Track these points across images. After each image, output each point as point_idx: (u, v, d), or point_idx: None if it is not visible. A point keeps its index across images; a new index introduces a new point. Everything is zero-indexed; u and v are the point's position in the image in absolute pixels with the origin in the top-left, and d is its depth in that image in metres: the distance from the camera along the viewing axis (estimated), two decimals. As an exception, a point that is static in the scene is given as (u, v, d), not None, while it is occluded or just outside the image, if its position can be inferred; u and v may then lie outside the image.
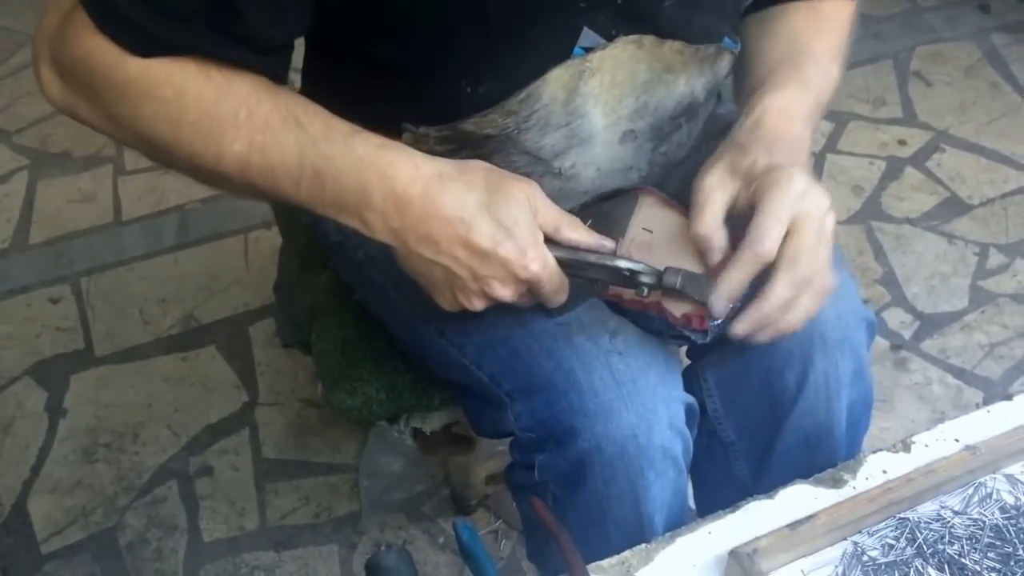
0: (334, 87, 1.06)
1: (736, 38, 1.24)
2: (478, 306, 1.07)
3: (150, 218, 2.56)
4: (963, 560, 1.00)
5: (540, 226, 1.05)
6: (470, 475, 1.89)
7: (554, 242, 1.07)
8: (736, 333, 1.06)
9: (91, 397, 2.18)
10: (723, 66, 1.25)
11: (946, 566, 1.00)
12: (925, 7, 3.22)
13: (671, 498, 1.20)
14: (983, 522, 1.04)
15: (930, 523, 1.04)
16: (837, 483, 1.10)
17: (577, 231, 1.08)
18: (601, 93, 1.15)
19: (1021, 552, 1.01)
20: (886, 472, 1.10)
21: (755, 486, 1.28)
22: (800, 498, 1.08)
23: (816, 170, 2.68)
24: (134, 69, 0.99)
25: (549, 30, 1.08)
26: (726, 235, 1.07)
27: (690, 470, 1.24)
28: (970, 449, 1.09)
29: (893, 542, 1.03)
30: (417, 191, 1.01)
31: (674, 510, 1.21)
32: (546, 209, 1.06)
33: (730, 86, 1.34)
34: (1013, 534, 1.02)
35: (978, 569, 0.99)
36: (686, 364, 1.34)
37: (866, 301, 1.29)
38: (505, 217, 1.02)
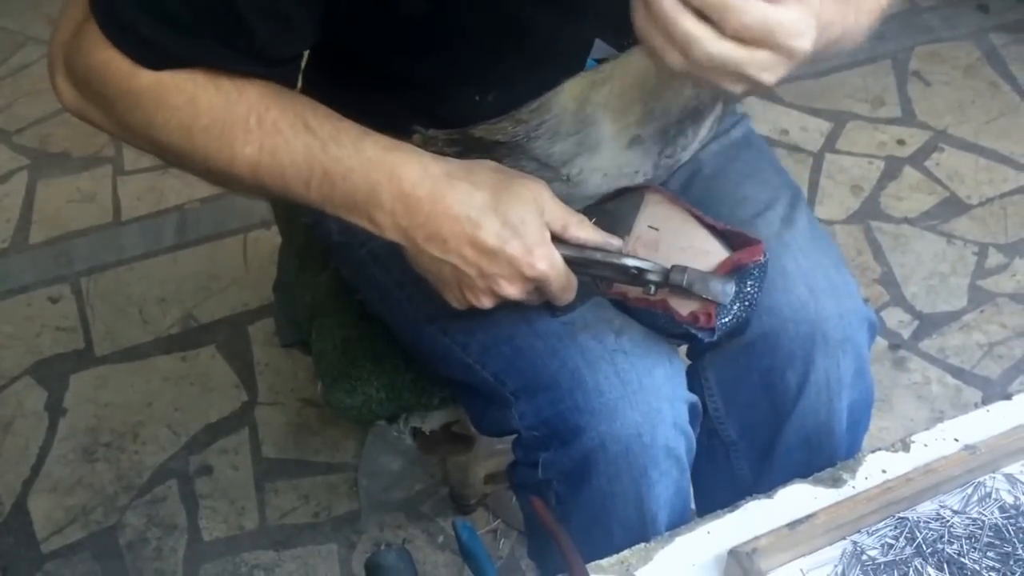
0: (336, 94, 1.06)
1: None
2: (486, 304, 1.07)
3: (149, 218, 2.56)
4: (962, 559, 1.00)
5: (547, 224, 1.06)
6: (469, 474, 1.89)
7: (561, 240, 1.07)
8: None
9: (91, 396, 2.18)
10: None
11: (945, 565, 1.00)
12: (924, 7, 3.21)
13: (674, 497, 1.20)
14: (982, 521, 1.04)
15: (929, 522, 1.04)
16: (836, 483, 1.10)
17: (584, 229, 1.08)
18: (611, 101, 1.15)
19: (1020, 551, 1.01)
20: (885, 472, 1.10)
21: (756, 485, 1.28)
22: (799, 498, 1.08)
23: (814, 170, 2.69)
24: (146, 79, 1.00)
25: (560, 44, 1.08)
26: None
27: (691, 469, 1.24)
28: (969, 449, 1.09)
29: (892, 541, 1.03)
30: (425, 190, 1.02)
31: (677, 509, 1.21)
32: (553, 207, 1.06)
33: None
34: (1012, 533, 1.03)
35: (977, 568, 0.99)
36: (687, 364, 1.34)
37: (865, 301, 1.29)
38: (512, 216, 1.03)
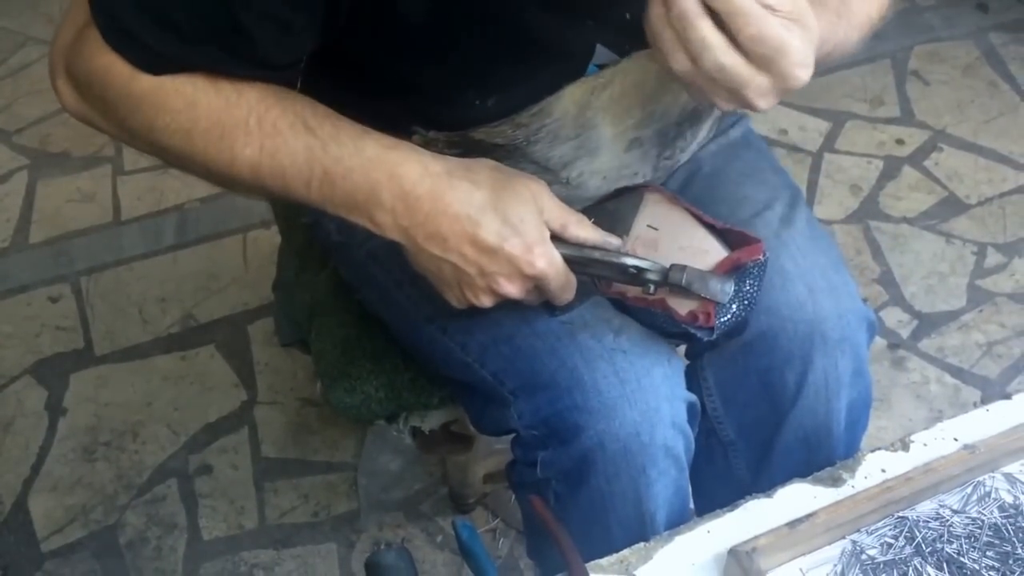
0: (336, 97, 1.07)
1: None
2: (486, 303, 1.08)
3: (149, 218, 2.56)
4: (962, 559, 1.00)
5: (546, 223, 1.06)
6: (468, 474, 1.89)
7: (560, 239, 1.07)
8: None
9: (91, 396, 2.18)
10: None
11: (945, 565, 1.00)
12: (923, 6, 3.21)
13: (672, 496, 1.20)
14: (982, 521, 1.04)
15: (929, 522, 1.04)
16: (836, 482, 1.10)
17: (583, 228, 1.08)
18: (611, 105, 1.15)
19: (1020, 551, 1.01)
20: (885, 471, 1.10)
21: (754, 485, 1.28)
22: (799, 497, 1.08)
23: (813, 170, 2.69)
24: (146, 83, 1.00)
25: (562, 50, 1.08)
26: None
27: (689, 469, 1.25)
28: (969, 448, 1.09)
29: (892, 541, 1.03)
30: (425, 189, 1.02)
31: (675, 508, 1.22)
32: (552, 207, 1.07)
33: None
34: (1012, 533, 1.03)
35: (977, 568, 1.00)
36: (686, 364, 1.34)
37: (864, 300, 1.29)
38: (512, 214, 1.03)
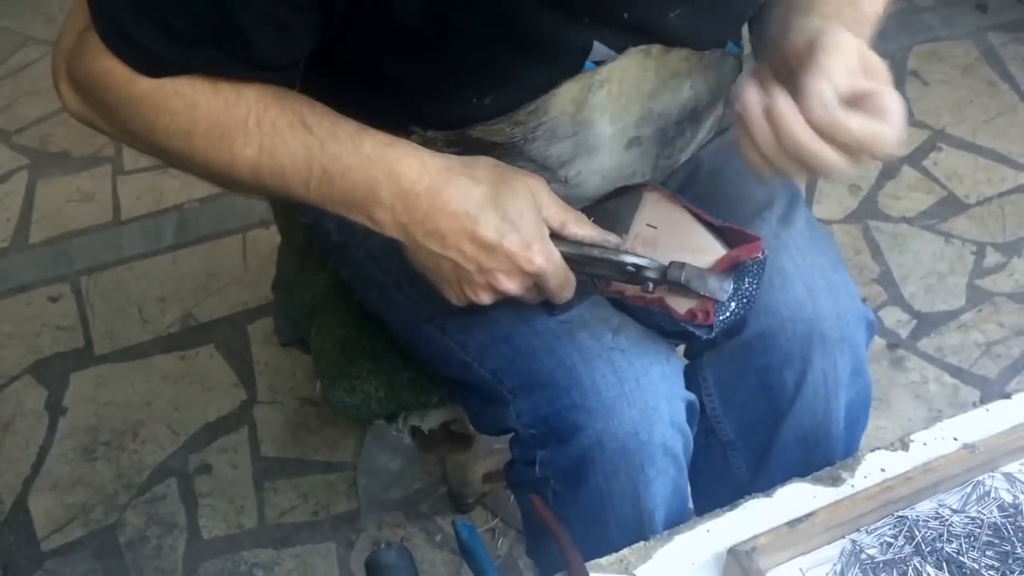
0: (333, 97, 1.07)
1: (740, 42, 1.24)
2: (485, 300, 1.08)
3: (149, 217, 2.56)
4: (961, 558, 1.00)
5: (545, 221, 1.06)
6: (468, 473, 1.89)
7: (560, 237, 1.07)
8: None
9: (91, 395, 2.18)
10: (727, 70, 1.25)
11: (944, 564, 1.00)
12: (922, 6, 3.21)
13: (671, 495, 1.20)
14: (981, 520, 1.04)
15: (928, 521, 1.04)
16: (835, 481, 1.10)
17: (582, 226, 1.09)
18: (608, 103, 1.15)
19: (1019, 550, 1.01)
20: (884, 471, 1.10)
21: (753, 485, 1.28)
22: (799, 496, 1.08)
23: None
24: (146, 86, 1.01)
25: (559, 47, 1.08)
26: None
27: (688, 468, 1.25)
28: (969, 448, 1.09)
29: (891, 540, 1.03)
30: (424, 186, 1.02)
31: (674, 507, 1.22)
32: (551, 204, 1.07)
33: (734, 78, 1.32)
34: (1011, 532, 1.03)
35: (976, 567, 1.00)
36: (685, 363, 1.34)
37: (863, 300, 1.30)
38: (510, 211, 1.03)
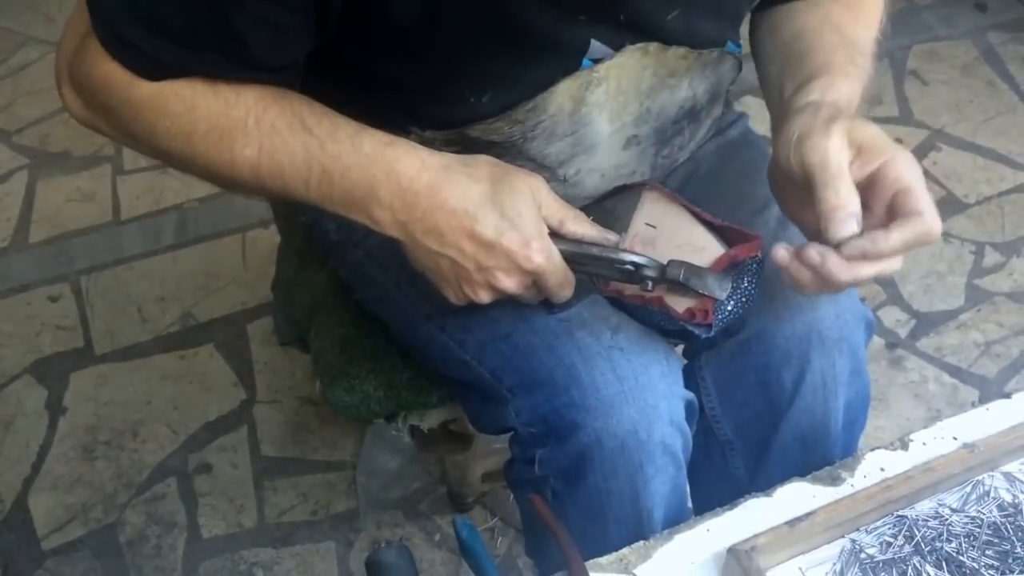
0: (332, 97, 1.07)
1: (739, 42, 1.24)
2: (484, 298, 1.08)
3: (149, 217, 2.56)
4: (961, 558, 1.00)
5: (544, 219, 1.06)
6: (467, 473, 1.89)
7: (559, 236, 1.07)
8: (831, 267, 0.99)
9: (91, 395, 2.18)
10: (726, 69, 1.25)
11: (944, 564, 1.00)
12: (922, 5, 3.22)
13: (670, 494, 1.20)
14: (981, 520, 1.04)
15: (928, 521, 1.04)
16: (835, 481, 1.10)
17: (581, 225, 1.09)
18: (607, 102, 1.15)
19: (1019, 550, 1.01)
20: (884, 470, 1.10)
21: (752, 484, 1.28)
22: (798, 496, 1.08)
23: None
24: (146, 89, 1.01)
25: (556, 44, 1.08)
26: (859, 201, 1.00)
27: (687, 468, 1.25)
28: (968, 447, 1.09)
29: (891, 540, 1.03)
30: (423, 184, 1.02)
31: (673, 506, 1.21)
32: (551, 202, 1.07)
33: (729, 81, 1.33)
34: (1011, 532, 1.03)
35: (976, 567, 1.00)
36: (684, 363, 1.34)
37: (862, 299, 1.29)
38: (509, 209, 1.03)
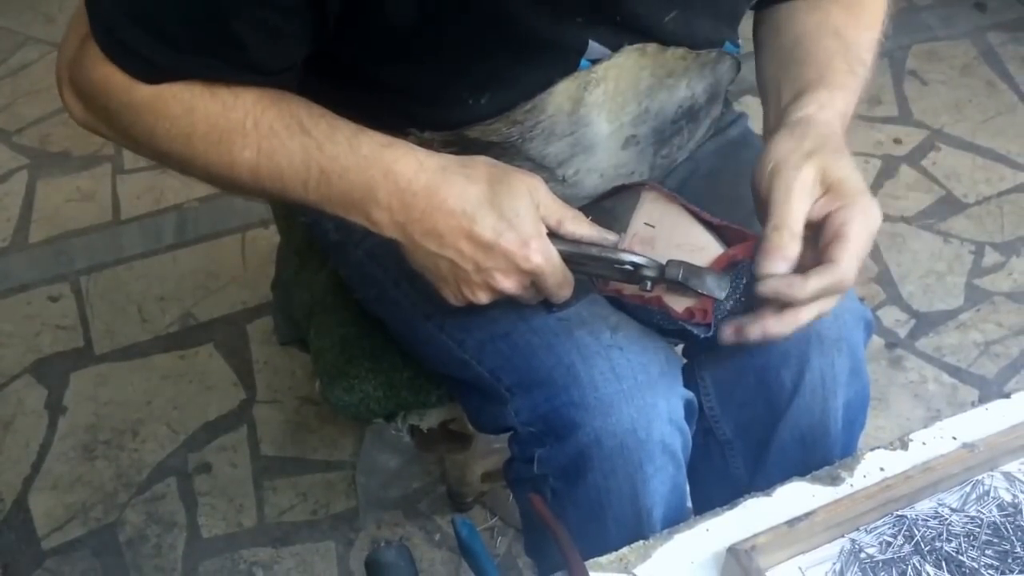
0: (329, 99, 1.07)
1: (737, 42, 1.24)
2: (483, 299, 1.08)
3: (148, 217, 2.56)
4: (961, 557, 1.00)
5: (543, 219, 1.06)
6: (467, 472, 1.89)
7: (557, 236, 1.07)
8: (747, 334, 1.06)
9: (91, 395, 2.18)
10: (724, 69, 1.25)
11: (944, 563, 1.00)
12: (921, 5, 3.22)
13: (669, 493, 1.20)
14: (981, 519, 1.04)
15: (928, 520, 1.04)
16: (835, 481, 1.10)
17: (580, 225, 1.08)
18: (605, 102, 1.16)
19: (1019, 549, 1.01)
20: (884, 470, 1.10)
21: (751, 484, 1.28)
22: (798, 495, 1.08)
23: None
24: (145, 92, 1.02)
25: (554, 45, 1.08)
26: (800, 247, 1.04)
27: (687, 467, 1.25)
28: (968, 447, 1.09)
29: (891, 539, 1.03)
30: (421, 185, 1.02)
31: (672, 505, 1.21)
32: (549, 202, 1.07)
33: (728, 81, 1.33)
34: (1011, 531, 1.03)
35: (976, 566, 1.00)
36: (683, 363, 1.34)
37: (861, 299, 1.29)
38: (507, 209, 1.03)
